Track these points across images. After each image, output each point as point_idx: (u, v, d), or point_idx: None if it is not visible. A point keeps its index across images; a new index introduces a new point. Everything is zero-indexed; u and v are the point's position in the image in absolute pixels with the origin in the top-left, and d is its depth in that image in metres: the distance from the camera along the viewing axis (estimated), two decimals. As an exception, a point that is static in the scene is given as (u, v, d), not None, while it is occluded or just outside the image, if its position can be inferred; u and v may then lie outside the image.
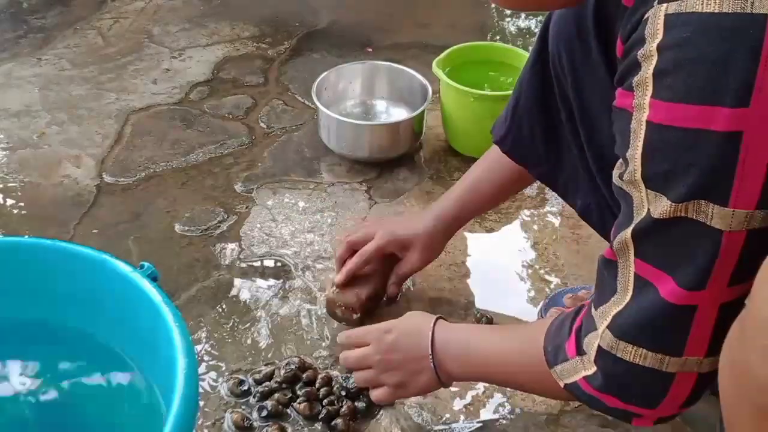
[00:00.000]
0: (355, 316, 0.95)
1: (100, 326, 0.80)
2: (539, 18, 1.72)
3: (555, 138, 0.84)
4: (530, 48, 0.85)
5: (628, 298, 0.56)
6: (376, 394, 0.82)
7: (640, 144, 0.52)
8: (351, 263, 0.95)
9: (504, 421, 0.87)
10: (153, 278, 0.74)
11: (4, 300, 0.80)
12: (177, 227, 1.13)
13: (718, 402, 0.51)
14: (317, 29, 1.68)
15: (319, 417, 0.85)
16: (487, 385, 0.91)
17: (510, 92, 0.91)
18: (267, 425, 0.85)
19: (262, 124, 1.37)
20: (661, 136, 0.51)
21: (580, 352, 0.61)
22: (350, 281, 0.96)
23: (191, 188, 1.21)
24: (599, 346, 0.58)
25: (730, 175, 0.49)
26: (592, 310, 0.60)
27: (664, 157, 0.51)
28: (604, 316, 0.58)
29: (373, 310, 0.98)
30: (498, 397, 0.90)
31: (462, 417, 0.88)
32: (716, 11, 0.47)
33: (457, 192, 0.96)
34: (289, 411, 0.87)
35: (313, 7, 1.76)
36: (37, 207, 1.17)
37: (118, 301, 0.76)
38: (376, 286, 0.97)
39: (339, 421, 0.85)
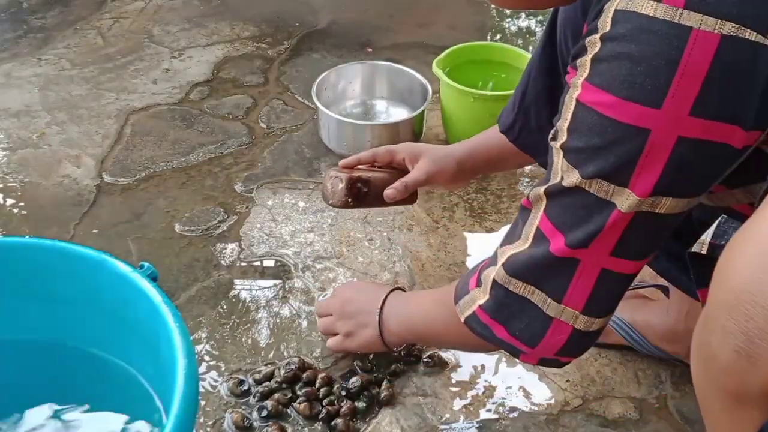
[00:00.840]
0: (339, 186, 0.91)
1: (100, 326, 0.80)
2: (539, 18, 1.72)
3: None
4: (531, 48, 0.86)
5: (526, 245, 0.64)
6: (329, 342, 0.91)
7: (569, 118, 0.58)
8: (362, 153, 0.98)
9: (504, 421, 0.87)
10: (153, 278, 0.74)
11: (3, 300, 0.80)
12: (177, 227, 1.13)
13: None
14: (317, 29, 1.68)
15: (319, 417, 0.85)
16: (487, 384, 0.91)
17: (510, 92, 0.91)
18: (267, 425, 0.85)
19: (262, 124, 1.37)
20: (583, 116, 0.56)
21: (479, 284, 0.69)
22: (354, 167, 0.96)
23: (191, 188, 1.21)
24: (494, 279, 0.66)
25: (633, 164, 0.55)
26: (498, 247, 0.68)
27: (581, 135, 0.57)
28: (503, 254, 0.66)
29: (362, 199, 0.93)
30: (498, 397, 0.90)
31: (462, 417, 0.88)
32: (650, 15, 0.51)
33: (472, 140, 1.00)
34: (289, 411, 0.87)
35: (313, 7, 1.76)
36: (37, 207, 1.17)
37: (117, 302, 0.76)
38: (375, 179, 0.94)
39: (339, 420, 0.85)
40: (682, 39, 0.50)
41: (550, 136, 0.61)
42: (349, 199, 0.92)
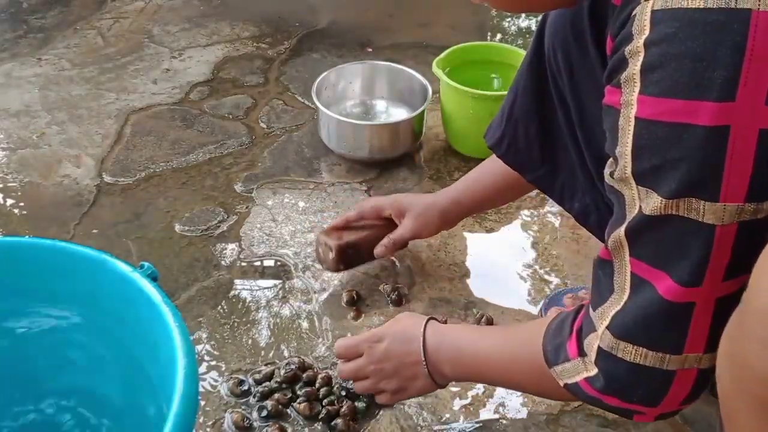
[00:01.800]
0: (330, 255, 0.98)
1: (100, 326, 0.80)
2: (538, 18, 1.72)
3: (551, 140, 0.84)
4: (525, 54, 0.85)
5: (625, 297, 0.56)
6: (378, 399, 0.85)
7: (629, 140, 0.52)
8: (349, 213, 1.02)
9: (504, 421, 0.87)
10: (153, 278, 0.74)
11: (3, 300, 0.80)
12: (177, 227, 1.13)
13: (718, 402, 0.51)
14: (317, 29, 1.68)
15: (319, 417, 0.85)
16: (486, 385, 0.91)
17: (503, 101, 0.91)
18: (267, 425, 0.85)
19: (262, 124, 1.37)
20: (648, 132, 0.51)
21: (581, 353, 0.61)
22: (343, 229, 1.01)
23: (191, 188, 1.21)
24: (599, 347, 0.58)
25: (719, 169, 0.49)
26: (590, 311, 0.60)
27: (653, 152, 0.51)
28: (603, 316, 0.58)
29: (354, 262, 1.01)
30: (498, 397, 0.90)
31: (462, 417, 0.88)
32: (701, 6, 0.48)
33: (460, 182, 1.00)
34: (289, 411, 0.87)
35: (313, 7, 1.77)
36: (37, 207, 1.17)
37: (118, 301, 0.76)
38: (362, 239, 1.00)
39: (339, 421, 0.85)
40: (743, 23, 0.47)
41: (607, 170, 0.56)
42: (341, 266, 1.00)
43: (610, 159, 0.56)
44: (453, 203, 0.98)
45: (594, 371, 0.59)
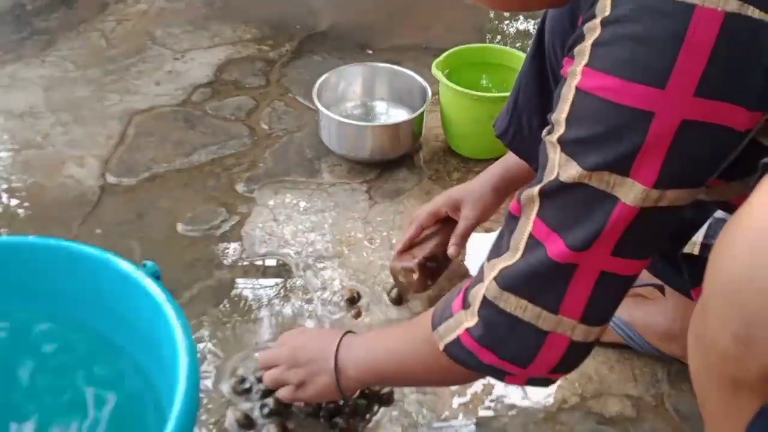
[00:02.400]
0: (414, 276, 0.97)
1: (103, 324, 0.80)
2: (537, 20, 1.73)
3: None
4: (528, 49, 0.87)
5: (517, 256, 0.59)
6: (279, 392, 0.83)
7: (566, 108, 0.55)
8: (408, 231, 1.00)
9: (503, 419, 0.88)
10: (156, 277, 0.75)
11: (7, 299, 0.80)
12: (179, 227, 1.14)
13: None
14: (318, 31, 1.69)
15: (320, 415, 0.86)
16: (485, 382, 0.92)
17: (508, 94, 0.92)
18: (268, 423, 0.86)
19: (263, 125, 1.38)
20: (583, 104, 0.54)
21: (465, 305, 0.63)
22: (410, 248, 1.00)
23: (193, 189, 1.22)
24: (484, 296, 0.61)
25: (636, 149, 0.51)
26: (485, 262, 0.62)
27: (581, 124, 0.54)
28: (493, 268, 0.60)
29: (437, 273, 1.01)
30: (497, 395, 0.90)
31: (461, 415, 0.88)
32: None
33: (501, 159, 1.00)
34: (292, 408, 0.87)
35: (314, 9, 1.77)
36: (41, 207, 1.18)
37: (120, 300, 0.77)
38: (435, 248, 0.99)
39: (339, 419, 0.85)
40: (685, 16, 0.49)
41: (544, 132, 0.58)
42: (429, 282, 0.99)
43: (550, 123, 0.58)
44: (501, 179, 0.98)
45: (475, 320, 0.61)
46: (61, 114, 1.39)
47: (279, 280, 1.06)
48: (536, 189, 0.57)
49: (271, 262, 1.09)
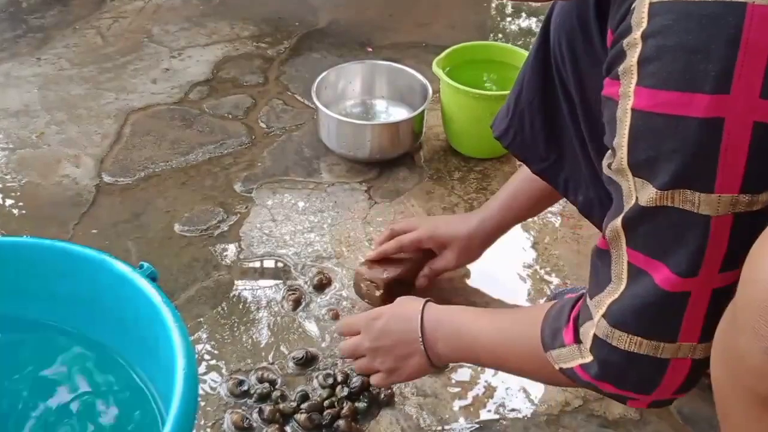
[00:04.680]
0: (377, 293, 0.96)
1: (99, 326, 0.80)
2: (539, 17, 1.72)
3: (556, 132, 0.84)
4: (531, 46, 0.85)
5: (622, 287, 0.57)
6: (373, 380, 0.84)
7: (626, 132, 0.53)
8: (386, 245, 0.99)
9: (504, 422, 0.87)
10: (152, 278, 0.74)
11: (3, 300, 0.79)
12: (176, 227, 1.13)
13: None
14: (317, 29, 1.68)
15: (322, 423, 0.85)
16: (487, 385, 0.91)
17: (510, 92, 0.91)
18: (267, 426, 0.85)
19: (261, 124, 1.36)
20: (645, 123, 0.52)
21: (577, 340, 0.62)
22: (382, 261, 0.98)
23: (191, 188, 1.21)
24: (595, 335, 0.59)
25: (714, 160, 0.50)
26: (587, 299, 0.61)
27: (648, 144, 0.52)
28: (600, 305, 0.59)
29: (398, 294, 0.96)
30: (498, 398, 0.90)
31: (462, 417, 0.87)
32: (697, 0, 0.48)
33: (500, 200, 0.98)
34: (289, 411, 0.86)
35: (313, 6, 1.76)
36: (36, 207, 1.17)
37: (117, 301, 0.76)
38: (406, 271, 0.98)
39: (341, 422, 0.85)
40: (738, 16, 0.47)
41: (605, 162, 0.56)
42: (387, 301, 0.95)
43: (609, 151, 0.56)
44: (494, 229, 0.97)
45: (589, 358, 0.60)
46: (57, 113, 1.38)
47: (277, 281, 1.05)
48: (619, 220, 0.55)
49: (269, 262, 1.08)
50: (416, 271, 0.99)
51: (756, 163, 0.50)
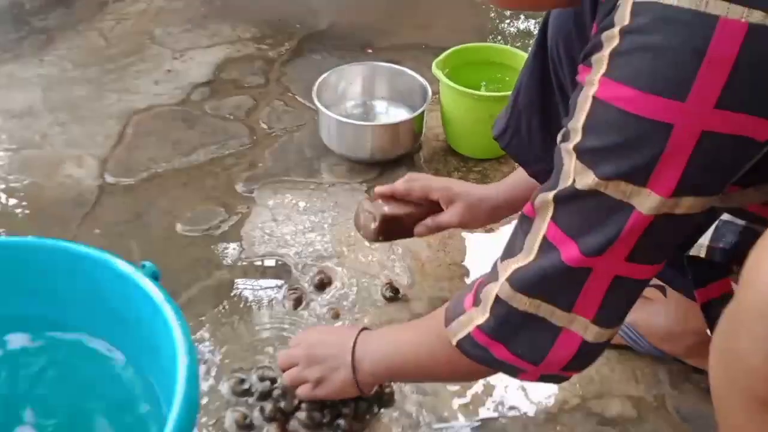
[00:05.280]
0: (373, 225, 0.95)
1: (101, 325, 0.80)
2: (538, 20, 1.73)
3: (553, 133, 0.84)
4: (529, 49, 0.86)
5: (531, 258, 0.59)
6: (299, 390, 0.84)
7: (583, 117, 0.54)
8: (396, 183, 0.97)
9: (503, 420, 0.88)
10: (154, 277, 0.75)
11: (5, 299, 0.80)
12: (178, 227, 1.14)
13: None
14: (318, 30, 1.68)
15: (323, 422, 0.85)
16: (486, 383, 0.91)
17: (509, 93, 0.92)
18: (268, 424, 0.85)
19: (263, 125, 1.37)
20: (600, 113, 0.53)
21: (477, 302, 0.64)
22: (388, 199, 0.96)
23: (192, 188, 1.22)
24: (497, 295, 0.61)
25: (654, 161, 0.51)
26: (498, 261, 0.63)
27: (599, 134, 0.53)
28: (506, 268, 0.61)
29: (393, 236, 0.98)
30: (497, 396, 0.90)
31: (461, 416, 0.88)
32: (675, 5, 0.49)
33: (513, 179, 0.98)
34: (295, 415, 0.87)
35: (314, 8, 1.77)
36: (39, 207, 1.18)
37: (119, 301, 0.76)
38: (408, 215, 0.96)
39: (341, 421, 0.85)
40: (708, 28, 0.48)
41: (559, 138, 0.58)
42: (380, 237, 0.96)
43: (564, 128, 0.58)
44: (505, 202, 0.96)
45: (486, 316, 0.62)
46: (60, 113, 1.39)
47: (279, 281, 1.05)
48: (551, 194, 0.57)
49: (270, 262, 1.09)
50: (418, 219, 0.96)
51: (693, 171, 0.51)
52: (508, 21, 1.78)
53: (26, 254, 0.80)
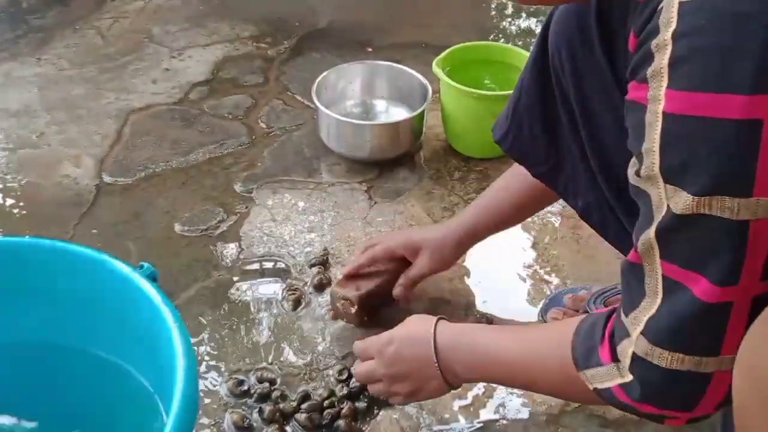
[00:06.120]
0: (352, 309, 0.95)
1: (99, 326, 0.80)
2: (540, 18, 1.72)
3: (555, 137, 0.84)
4: (531, 48, 0.85)
5: (658, 302, 0.55)
6: (393, 401, 0.83)
7: (657, 136, 0.51)
8: (358, 258, 0.97)
9: (504, 422, 0.87)
10: (152, 278, 0.74)
11: (3, 300, 0.79)
12: (177, 227, 1.13)
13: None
14: (317, 29, 1.68)
15: (323, 423, 0.85)
16: (487, 385, 0.91)
17: (510, 92, 0.91)
18: (267, 426, 0.85)
19: (261, 124, 1.37)
20: (677, 127, 0.50)
21: (614, 359, 0.59)
22: (356, 278, 0.96)
23: (191, 188, 1.21)
24: (634, 353, 0.57)
25: (752, 163, 0.48)
26: (622, 316, 0.59)
27: (681, 148, 0.50)
28: (637, 321, 0.56)
29: (376, 309, 0.98)
30: (498, 398, 0.90)
31: (462, 417, 0.88)
32: None
33: (475, 206, 0.97)
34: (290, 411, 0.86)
35: (313, 6, 1.76)
36: (36, 207, 1.17)
37: (117, 302, 0.76)
38: (380, 284, 0.96)
39: (341, 422, 0.85)
40: None
41: (631, 169, 0.54)
42: (365, 317, 0.96)
43: (633, 158, 0.55)
44: (467, 234, 0.95)
45: (629, 378, 0.58)
46: (57, 113, 1.38)
47: (277, 281, 1.05)
48: (651, 231, 0.53)
49: (269, 263, 1.08)
50: (392, 284, 0.97)
51: None
52: (509, 19, 1.77)
53: (24, 255, 0.79)
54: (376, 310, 0.98)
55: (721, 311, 0.52)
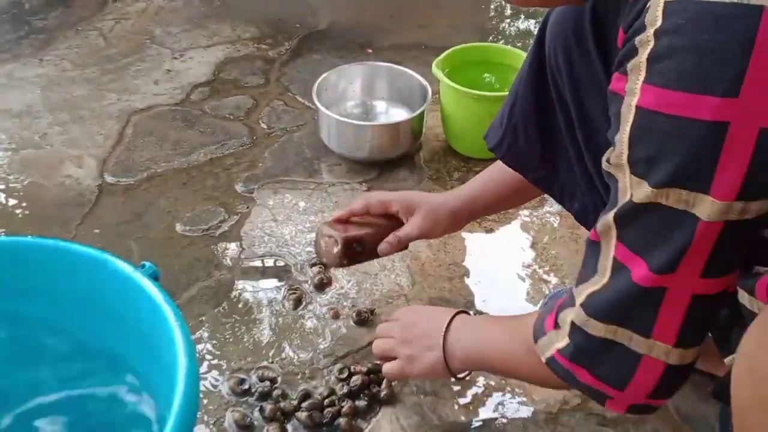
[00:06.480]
0: (335, 249, 0.90)
1: (101, 325, 0.80)
2: (538, 19, 1.73)
3: (551, 141, 0.84)
4: (526, 56, 0.85)
5: (605, 280, 0.58)
6: (386, 367, 0.84)
7: (628, 128, 0.52)
8: (354, 203, 0.95)
9: (503, 420, 0.88)
10: (154, 278, 0.75)
11: (5, 299, 0.80)
12: (178, 227, 1.14)
13: (717, 403, 0.51)
14: (318, 30, 1.68)
15: (323, 422, 0.85)
16: (486, 383, 0.91)
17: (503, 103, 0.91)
18: (267, 424, 0.85)
19: (262, 125, 1.37)
20: (648, 122, 0.51)
21: (556, 326, 0.64)
22: (347, 222, 0.94)
23: (192, 188, 1.22)
24: (572, 321, 0.61)
25: (713, 164, 0.49)
26: (574, 288, 0.62)
27: (649, 142, 0.52)
28: (581, 294, 0.60)
29: (358, 258, 0.94)
30: (497, 397, 0.90)
31: (462, 416, 0.88)
32: (713, 0, 0.47)
33: (471, 183, 0.97)
34: (294, 413, 0.87)
35: (314, 8, 1.77)
36: (39, 207, 1.18)
37: (119, 301, 0.76)
38: (369, 234, 0.93)
39: (342, 420, 0.85)
40: (753, 20, 0.46)
41: (604, 158, 0.56)
42: (345, 261, 0.92)
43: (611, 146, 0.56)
44: (464, 204, 0.94)
45: (565, 341, 0.62)
46: (59, 113, 1.39)
47: (278, 281, 1.05)
48: (611, 214, 0.56)
49: (270, 262, 1.09)
50: (379, 238, 0.92)
51: (757, 171, 0.49)
52: (508, 21, 1.78)
53: (26, 254, 0.80)
54: (357, 259, 0.94)
55: (655, 294, 0.55)
